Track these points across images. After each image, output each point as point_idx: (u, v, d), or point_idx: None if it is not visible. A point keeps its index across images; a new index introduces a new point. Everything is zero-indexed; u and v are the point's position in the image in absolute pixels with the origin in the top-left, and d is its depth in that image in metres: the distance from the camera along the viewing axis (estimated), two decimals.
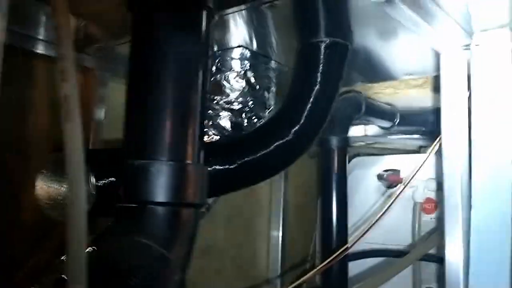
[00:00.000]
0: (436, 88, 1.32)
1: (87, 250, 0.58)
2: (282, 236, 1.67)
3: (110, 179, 0.64)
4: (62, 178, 0.67)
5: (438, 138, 1.03)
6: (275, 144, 0.93)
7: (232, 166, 0.85)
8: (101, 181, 0.64)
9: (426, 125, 1.46)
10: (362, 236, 1.13)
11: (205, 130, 1.06)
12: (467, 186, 0.91)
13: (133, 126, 0.64)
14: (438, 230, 1.02)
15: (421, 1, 0.80)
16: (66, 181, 0.55)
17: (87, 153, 0.66)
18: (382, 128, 1.50)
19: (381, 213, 1.11)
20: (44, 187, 0.68)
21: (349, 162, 1.57)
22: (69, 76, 0.54)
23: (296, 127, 0.96)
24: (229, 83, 1.10)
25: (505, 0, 0.87)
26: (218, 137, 1.06)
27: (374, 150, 1.74)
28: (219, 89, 1.10)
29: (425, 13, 0.83)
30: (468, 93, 0.97)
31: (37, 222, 0.98)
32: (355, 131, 1.67)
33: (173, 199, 0.61)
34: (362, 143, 1.72)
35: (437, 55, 1.00)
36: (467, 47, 0.96)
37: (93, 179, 0.62)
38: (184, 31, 0.65)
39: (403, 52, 1.11)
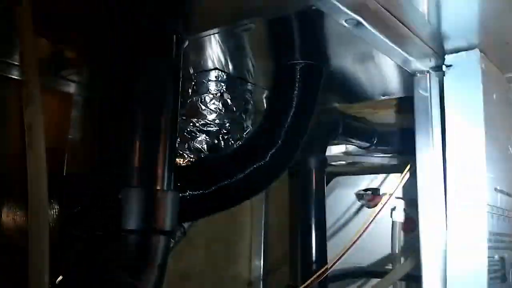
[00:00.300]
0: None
1: (58, 279, 0.57)
2: (264, 258, 1.65)
3: (78, 206, 0.62)
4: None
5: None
6: (251, 168, 0.93)
7: (207, 191, 0.84)
8: (69, 209, 0.62)
9: (405, 145, 1.47)
10: (341, 257, 1.12)
11: (181, 152, 1.06)
12: (442, 206, 0.91)
13: (101, 152, 0.63)
14: (416, 251, 1.01)
15: (392, 25, 0.81)
16: None
17: (55, 180, 0.65)
18: (361, 147, 1.50)
19: (359, 234, 1.10)
20: (11, 214, 0.66)
21: (329, 182, 1.57)
22: (33, 103, 0.53)
23: (273, 150, 0.96)
24: (206, 105, 1.09)
25: (475, 22, 0.89)
26: (194, 159, 1.05)
27: (355, 169, 1.75)
28: (196, 111, 1.09)
29: (396, 36, 0.84)
30: (441, 113, 0.98)
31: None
32: (335, 150, 1.68)
33: (142, 226, 0.60)
34: (343, 163, 1.72)
35: (412, 76, 1.02)
36: (439, 68, 0.98)
37: (58, 207, 0.60)
38: (153, 56, 0.65)
39: (380, 73, 1.12)
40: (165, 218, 0.62)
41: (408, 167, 1.12)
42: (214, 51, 1.01)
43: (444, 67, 0.97)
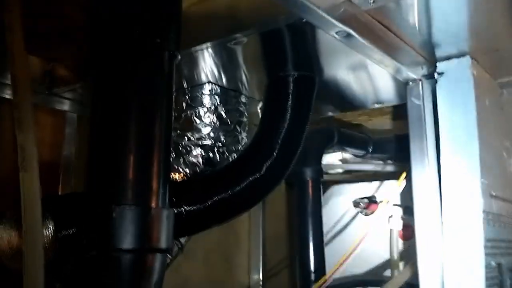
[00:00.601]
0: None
1: None
2: (262, 269, 1.65)
3: (73, 227, 0.62)
4: None
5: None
6: (247, 180, 0.92)
7: (203, 206, 0.84)
8: (64, 230, 0.62)
9: (401, 151, 1.47)
10: (339, 267, 1.12)
11: (176, 167, 1.05)
12: (438, 213, 0.92)
13: (94, 170, 0.63)
14: (414, 258, 1.01)
15: (382, 35, 0.82)
16: None
17: (49, 200, 0.64)
18: (357, 156, 1.50)
19: (357, 243, 1.10)
20: (4, 235, 0.65)
21: (326, 190, 1.57)
22: (25, 126, 0.53)
23: (268, 162, 0.96)
24: (200, 119, 1.10)
25: (465, 29, 0.89)
26: (190, 174, 1.05)
27: (352, 177, 1.75)
28: (190, 125, 1.10)
29: (387, 46, 0.85)
30: (435, 120, 0.98)
31: None
32: (332, 158, 1.68)
33: (137, 245, 0.59)
34: (340, 171, 1.72)
35: (404, 85, 1.02)
36: (431, 76, 0.98)
37: (52, 228, 0.60)
38: (145, 73, 0.65)
39: (373, 82, 1.13)
40: (160, 236, 0.62)
41: (404, 174, 1.12)
42: (207, 64, 1.02)
43: (436, 75, 0.97)
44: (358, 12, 0.73)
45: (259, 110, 1.25)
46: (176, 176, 1.03)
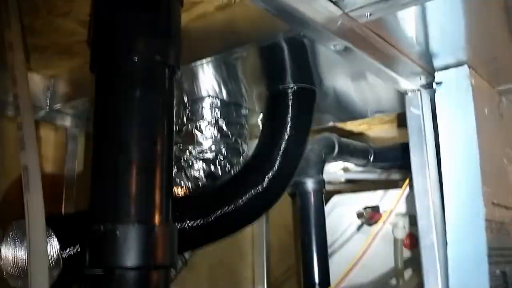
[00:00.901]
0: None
1: None
2: (267, 281, 1.64)
3: (77, 246, 0.62)
4: None
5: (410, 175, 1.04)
6: (250, 194, 0.93)
7: (207, 221, 0.84)
8: (69, 248, 0.62)
9: (401, 160, 1.47)
10: (344, 277, 1.11)
11: (178, 181, 1.06)
12: (441, 222, 0.92)
13: (97, 188, 0.64)
14: (419, 267, 1.01)
15: (379, 47, 0.83)
16: None
17: (53, 219, 0.65)
18: (358, 165, 1.51)
19: (361, 253, 1.10)
20: (8, 254, 0.65)
21: (328, 200, 1.57)
22: (28, 146, 0.53)
23: (270, 175, 0.96)
24: (201, 132, 1.10)
25: (462, 39, 0.90)
26: (192, 187, 1.06)
27: (354, 187, 1.75)
28: (192, 139, 1.10)
29: (385, 57, 0.86)
30: (434, 129, 0.99)
31: None
32: (333, 168, 1.68)
33: (141, 263, 0.60)
34: (342, 180, 1.73)
35: (403, 95, 1.03)
36: (430, 85, 0.99)
37: (57, 247, 0.60)
38: (146, 92, 0.66)
39: (372, 92, 1.13)
40: (164, 252, 0.62)
41: (406, 182, 1.12)
42: (207, 78, 1.03)
43: (434, 85, 0.98)
44: (355, 25, 0.74)
45: (259, 122, 1.25)
46: (179, 191, 1.03)
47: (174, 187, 1.06)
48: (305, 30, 0.72)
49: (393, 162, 1.48)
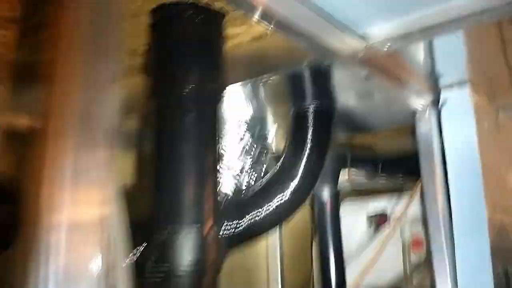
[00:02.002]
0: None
1: None
2: (281, 282, 1.71)
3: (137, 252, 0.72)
4: None
5: (418, 181, 1.14)
6: (274, 203, 1.02)
7: (240, 227, 0.93)
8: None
9: (409, 167, 1.55)
10: (359, 281, 1.20)
11: None
12: (449, 226, 1.01)
13: (154, 198, 0.73)
14: (427, 269, 1.11)
15: (393, 70, 0.94)
16: None
17: None
18: (368, 172, 1.59)
19: (373, 259, 1.19)
20: None
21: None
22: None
23: (293, 186, 1.05)
24: (228, 148, 1.20)
25: (464, 60, 1.01)
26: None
27: (363, 193, 1.83)
28: (219, 154, 1.19)
29: (397, 79, 0.97)
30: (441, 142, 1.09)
31: None
32: (342, 175, 1.76)
33: (198, 266, 0.69)
34: (349, 187, 1.81)
35: (412, 111, 1.13)
36: (436, 102, 1.09)
37: None
38: (200, 116, 0.76)
39: (381, 107, 1.23)
40: (217, 255, 0.72)
41: (415, 189, 1.22)
42: (236, 99, 1.12)
43: (440, 100, 1.09)
44: (375, 54, 0.84)
45: (281, 138, 1.34)
46: None
47: None
48: (331, 61, 0.83)
49: (401, 170, 1.57)
